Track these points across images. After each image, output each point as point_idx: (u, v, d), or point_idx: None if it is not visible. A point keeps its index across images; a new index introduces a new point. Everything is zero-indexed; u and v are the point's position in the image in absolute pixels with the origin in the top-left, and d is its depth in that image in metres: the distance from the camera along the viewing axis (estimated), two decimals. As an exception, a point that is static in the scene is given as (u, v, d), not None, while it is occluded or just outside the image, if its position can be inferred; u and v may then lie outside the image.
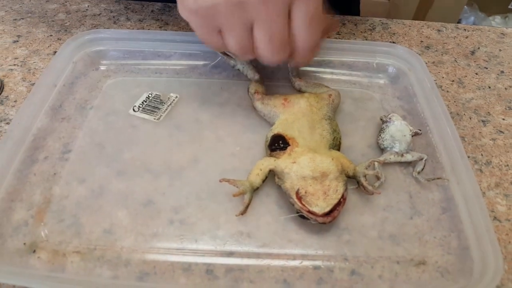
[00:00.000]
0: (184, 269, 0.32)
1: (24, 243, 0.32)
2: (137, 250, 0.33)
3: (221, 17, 0.34)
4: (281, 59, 0.37)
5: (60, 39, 0.51)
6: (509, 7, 2.17)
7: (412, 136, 0.40)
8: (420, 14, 1.78)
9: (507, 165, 0.42)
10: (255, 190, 0.36)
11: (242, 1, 0.33)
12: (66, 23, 0.54)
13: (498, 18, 2.12)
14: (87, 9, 0.56)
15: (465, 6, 1.97)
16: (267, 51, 0.36)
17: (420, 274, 0.33)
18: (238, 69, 0.47)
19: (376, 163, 0.38)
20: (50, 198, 0.35)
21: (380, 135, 0.41)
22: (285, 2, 0.33)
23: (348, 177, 0.37)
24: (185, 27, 0.55)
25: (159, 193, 0.36)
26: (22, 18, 0.54)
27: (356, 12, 0.70)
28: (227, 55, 0.47)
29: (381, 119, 0.42)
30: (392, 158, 0.39)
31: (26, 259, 0.31)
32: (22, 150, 0.37)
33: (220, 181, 0.36)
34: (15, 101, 0.43)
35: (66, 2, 0.58)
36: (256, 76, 0.46)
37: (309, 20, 0.35)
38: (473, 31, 0.59)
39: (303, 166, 0.35)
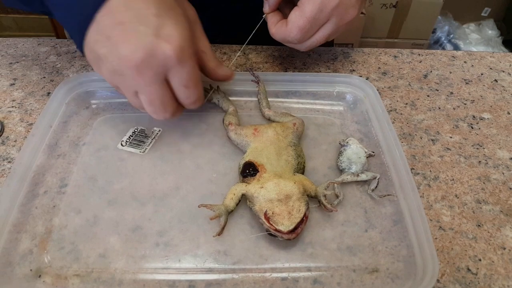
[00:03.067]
0: (169, 285, 0.37)
1: (31, 269, 0.37)
2: (128, 271, 0.38)
3: (116, 84, 0.42)
4: (168, 116, 0.43)
5: (52, 81, 0.56)
6: (482, 14, 2.26)
7: (367, 157, 0.46)
8: (395, 27, 1.86)
9: (453, 179, 0.47)
10: (230, 212, 0.42)
11: (121, 73, 0.39)
12: (57, 64, 0.59)
13: (472, 26, 2.20)
14: (75, 51, 0.62)
15: (439, 16, 2.05)
16: (151, 111, 0.42)
17: (374, 280, 0.38)
18: (214, 102, 0.53)
19: (334, 183, 0.44)
20: (51, 229, 0.40)
21: (338, 158, 0.47)
22: (158, 73, 0.38)
23: (310, 197, 0.42)
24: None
25: (145, 219, 0.42)
26: (17, 62, 0.59)
27: (330, 43, 0.76)
28: (204, 90, 0.52)
29: (339, 143, 0.48)
30: (349, 178, 0.45)
31: (33, 283, 0.36)
32: (24, 186, 0.42)
33: (198, 206, 0.41)
34: (15, 141, 0.48)
35: (56, 44, 0.63)
36: (231, 108, 0.51)
37: (185, 84, 0.40)
38: (426, 55, 0.65)
39: (269, 190, 0.41)
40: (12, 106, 0.53)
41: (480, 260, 0.40)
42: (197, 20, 0.45)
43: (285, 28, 0.49)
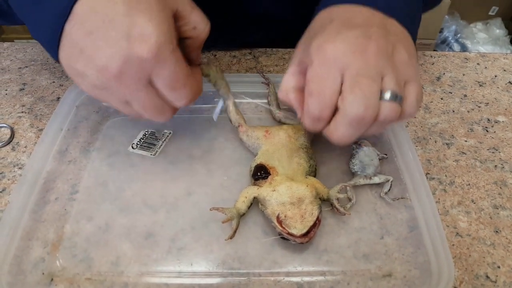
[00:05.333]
0: (182, 293, 0.36)
1: (43, 276, 0.37)
2: (141, 279, 0.37)
3: (103, 99, 0.38)
4: (169, 118, 0.40)
5: (62, 85, 0.56)
6: (490, 13, 2.24)
7: (379, 160, 0.45)
8: (403, 27, 1.84)
9: (469, 184, 0.47)
10: (241, 216, 0.41)
11: (103, 86, 0.35)
12: (67, 68, 0.59)
13: (479, 25, 2.18)
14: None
15: (446, 16, 2.03)
16: (148, 116, 0.39)
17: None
18: (213, 84, 0.47)
19: (347, 186, 0.43)
20: (62, 236, 0.40)
21: (351, 160, 0.46)
22: (141, 78, 0.35)
23: (323, 200, 0.42)
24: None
25: (158, 225, 0.41)
26: (26, 66, 0.59)
27: None
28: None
29: (351, 146, 0.47)
30: (362, 181, 0.44)
31: (46, 292, 0.36)
32: (35, 192, 0.42)
33: (210, 209, 0.40)
34: (25, 147, 0.48)
35: (65, 48, 0.63)
36: (230, 102, 0.47)
37: (170, 85, 0.36)
38: (438, 57, 0.64)
39: (281, 194, 0.40)
40: (22, 112, 0.52)
41: (499, 267, 0.39)
42: None
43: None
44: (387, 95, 0.35)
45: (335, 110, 0.36)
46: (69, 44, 0.35)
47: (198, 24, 0.38)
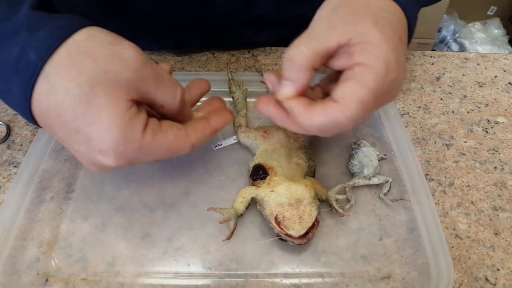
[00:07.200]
0: (179, 294, 0.36)
1: (37, 276, 0.36)
2: (137, 279, 0.37)
3: None
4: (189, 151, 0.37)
5: (58, 82, 0.55)
6: (488, 13, 2.24)
7: (379, 160, 0.45)
8: (401, 26, 1.84)
9: (468, 186, 0.46)
10: (239, 216, 0.41)
11: None
12: (64, 65, 0.58)
13: (478, 25, 2.18)
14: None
15: (445, 15, 2.03)
16: None
17: (389, 289, 0.37)
18: (233, 97, 0.51)
19: (346, 187, 0.43)
20: (58, 236, 0.39)
21: (349, 161, 0.46)
22: (126, 165, 0.33)
23: (322, 201, 0.41)
24: (174, 66, 0.59)
25: (154, 225, 0.41)
26: (23, 63, 0.58)
27: None
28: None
29: (350, 146, 0.47)
30: (361, 182, 0.44)
31: (40, 293, 0.35)
32: (30, 191, 0.41)
33: (207, 209, 0.40)
34: (21, 145, 0.47)
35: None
36: (243, 111, 0.50)
37: (155, 160, 0.35)
38: (438, 57, 0.64)
39: (280, 194, 0.40)
40: (18, 109, 0.52)
41: (498, 269, 0.39)
42: (143, 67, 0.32)
43: (334, 106, 0.32)
44: None
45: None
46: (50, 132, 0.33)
47: (165, 102, 0.34)
